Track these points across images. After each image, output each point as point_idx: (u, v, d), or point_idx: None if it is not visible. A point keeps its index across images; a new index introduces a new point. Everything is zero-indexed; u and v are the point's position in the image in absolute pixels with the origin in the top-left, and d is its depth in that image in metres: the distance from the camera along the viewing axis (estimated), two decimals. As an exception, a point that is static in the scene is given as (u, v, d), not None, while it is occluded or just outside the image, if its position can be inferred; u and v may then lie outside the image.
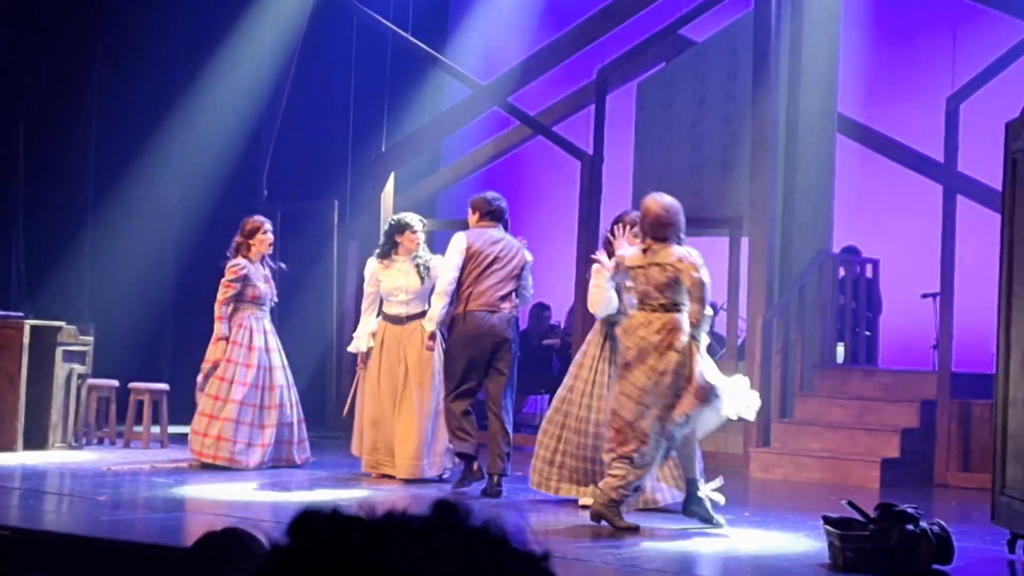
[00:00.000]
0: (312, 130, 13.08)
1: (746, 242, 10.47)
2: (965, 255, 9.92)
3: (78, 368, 9.79)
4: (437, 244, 13.01)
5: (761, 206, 10.28)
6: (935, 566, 5.94)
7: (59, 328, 9.67)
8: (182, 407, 10.23)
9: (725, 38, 11.02)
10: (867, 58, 12.52)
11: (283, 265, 9.64)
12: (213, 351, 9.01)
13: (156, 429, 10.15)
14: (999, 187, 6.91)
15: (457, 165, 13.35)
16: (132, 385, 10.27)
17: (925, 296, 11.26)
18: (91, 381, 9.97)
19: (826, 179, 10.78)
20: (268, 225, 9.34)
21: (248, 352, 9.04)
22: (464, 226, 13.24)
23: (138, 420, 10.15)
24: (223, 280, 9.09)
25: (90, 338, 9.96)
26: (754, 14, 10.53)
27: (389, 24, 12.61)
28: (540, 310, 12.75)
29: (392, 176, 12.35)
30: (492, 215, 8.35)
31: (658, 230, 6.84)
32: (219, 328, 9.01)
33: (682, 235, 6.94)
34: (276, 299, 9.43)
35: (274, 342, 9.27)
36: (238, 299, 9.08)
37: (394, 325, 8.71)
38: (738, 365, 10.52)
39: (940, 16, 12.48)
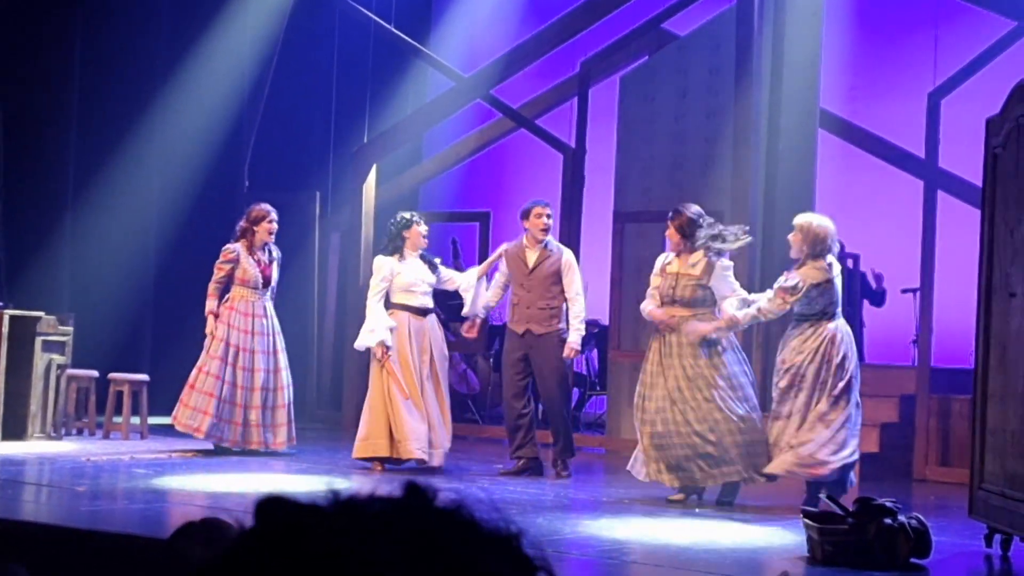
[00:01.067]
0: (294, 121, 13.05)
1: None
2: (945, 251, 9.95)
3: (57, 358, 9.76)
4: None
5: (743, 200, 10.29)
6: (913, 560, 5.97)
7: (38, 318, 9.64)
8: (162, 398, 10.22)
9: (708, 32, 11.03)
10: (849, 53, 12.54)
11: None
12: (208, 325, 9.52)
13: (136, 420, 10.12)
14: (979, 183, 6.93)
15: (439, 157, 13.34)
16: (112, 375, 10.24)
17: (905, 291, 11.30)
18: (70, 371, 9.94)
19: (808, 174, 10.79)
20: (274, 215, 9.64)
21: (231, 331, 9.39)
22: (448, 218, 13.27)
23: (117, 411, 10.12)
24: (217, 262, 9.55)
25: (70, 328, 9.93)
26: (737, 9, 10.54)
27: (372, 15, 12.59)
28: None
29: (374, 168, 12.33)
30: None
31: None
32: (208, 304, 9.55)
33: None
34: (275, 286, 9.69)
35: (268, 326, 9.48)
36: (230, 281, 9.53)
37: (418, 317, 8.92)
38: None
39: (922, 12, 12.52)
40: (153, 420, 10.28)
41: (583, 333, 8.89)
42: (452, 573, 0.80)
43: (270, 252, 9.63)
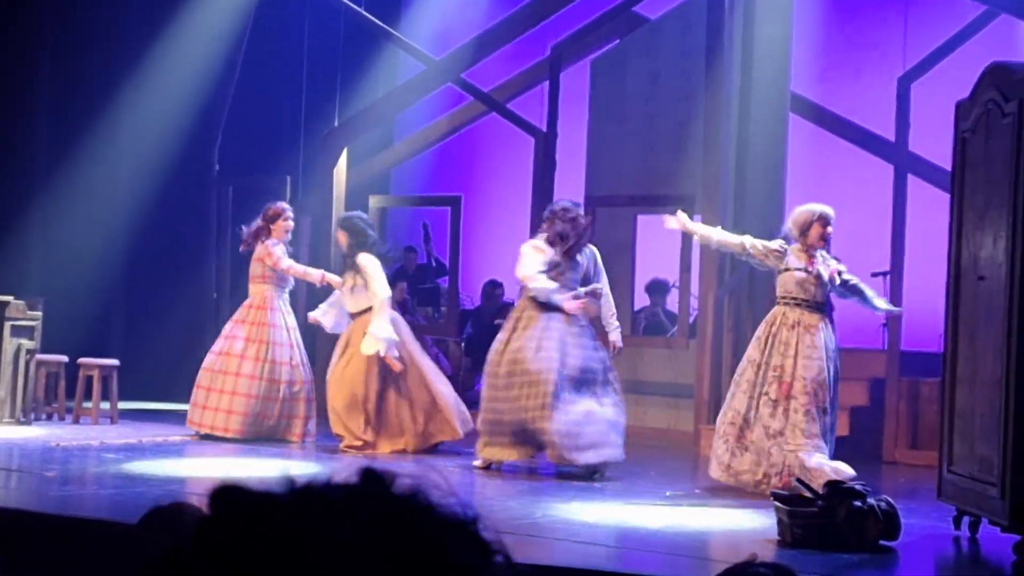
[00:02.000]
0: (264, 104, 12.99)
1: (699, 219, 10.49)
2: (915, 234, 9.99)
3: (27, 343, 9.70)
4: (391, 221, 12.99)
5: (713, 183, 10.30)
6: (882, 542, 6.00)
7: (7, 303, 9.57)
8: (132, 382, 10.17)
9: (679, 16, 11.02)
10: (820, 37, 12.55)
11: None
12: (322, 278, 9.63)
13: (106, 405, 10.07)
14: (949, 167, 6.96)
15: (410, 140, 13.29)
16: (81, 360, 10.18)
17: (875, 275, 11.33)
18: (40, 356, 9.88)
19: (778, 157, 10.81)
20: (290, 212, 9.79)
21: (259, 328, 9.43)
22: (419, 202, 13.24)
23: (87, 396, 10.07)
24: (274, 259, 9.50)
25: (39, 313, 9.87)
26: (708, -8, 10.54)
27: (343, -2, 12.53)
28: (492, 288, 12.72)
29: (345, 151, 12.28)
30: None
31: None
32: (313, 274, 9.68)
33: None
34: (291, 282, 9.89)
35: (284, 321, 9.57)
36: (257, 275, 9.56)
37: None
38: (690, 343, 10.58)
39: (892, -4, 12.54)
40: (123, 405, 10.23)
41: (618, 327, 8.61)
42: (408, 558, 0.80)
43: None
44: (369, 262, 9.05)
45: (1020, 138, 5.90)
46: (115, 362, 10.26)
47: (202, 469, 7.94)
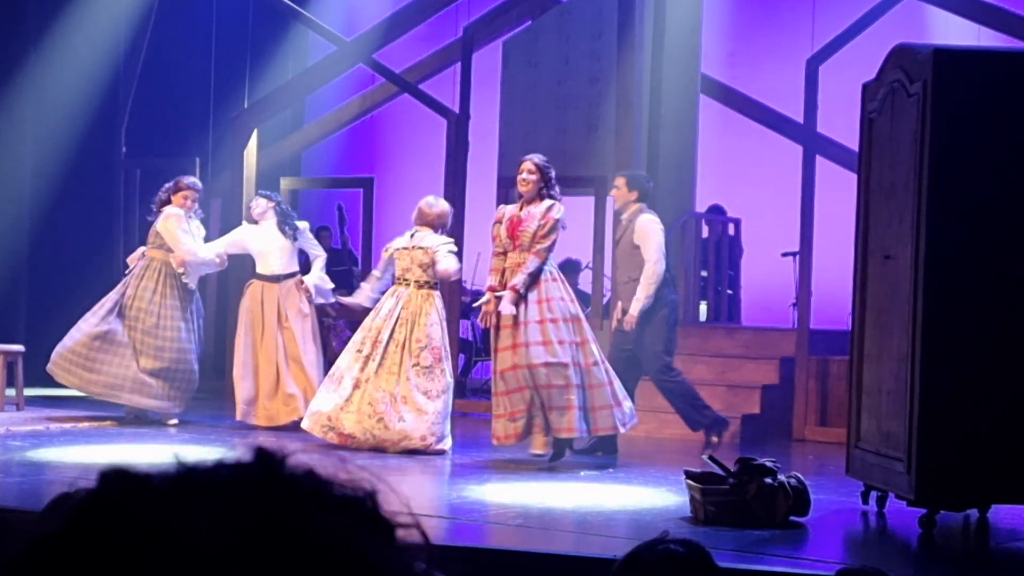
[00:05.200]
0: (172, 85, 12.80)
1: (611, 201, 10.54)
2: (824, 215, 10.11)
3: (-72, 329, 9.49)
4: (303, 203, 12.87)
5: (625, 165, 10.34)
6: (792, 518, 6.08)
7: (-93, 288, 9.36)
8: (38, 368, 9.99)
9: (590, -3, 11.02)
10: (729, 20, 12.65)
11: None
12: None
13: (11, 391, 9.89)
14: (856, 148, 7.04)
15: (322, 122, 13.19)
16: (-15, 346, 9.99)
17: (785, 255, 11.47)
18: (-58, 342, 9.68)
19: (689, 139, 10.89)
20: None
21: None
22: (331, 184, 13.14)
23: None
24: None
25: (-60, 298, 9.66)
26: (619, -27, 10.56)
27: (251, -22, 12.38)
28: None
29: (255, 133, 12.15)
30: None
31: None
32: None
33: None
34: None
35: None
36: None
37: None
38: (603, 323, 10.62)
39: (801, -21, 12.66)
40: (29, 392, 10.06)
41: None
42: (299, 537, 0.79)
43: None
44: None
45: (924, 118, 5.99)
46: (20, 348, 10.08)
47: (111, 455, 7.82)
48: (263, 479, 0.81)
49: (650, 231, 8.54)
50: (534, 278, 7.83)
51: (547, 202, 8.00)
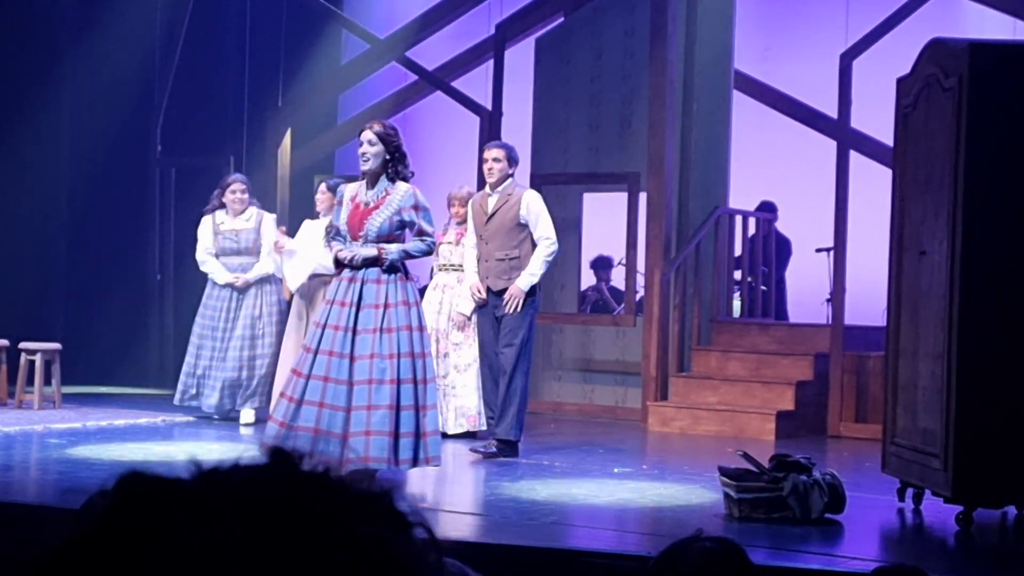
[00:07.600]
0: (207, 84, 12.85)
1: (644, 197, 10.53)
2: (858, 210, 10.07)
3: (-34, 328, 9.58)
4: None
5: (658, 162, 10.33)
6: (828, 515, 6.06)
7: (-54, 287, 9.45)
8: (74, 367, 10.07)
9: (623, -7, 11.01)
10: (762, 15, 12.61)
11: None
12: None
13: (49, 389, 9.96)
14: (891, 143, 7.01)
15: (355, 120, 13.20)
16: (23, 345, 10.06)
17: (819, 251, 11.42)
18: (-20, 341, 9.76)
19: (722, 135, 10.87)
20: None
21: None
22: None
23: (30, 380, 9.95)
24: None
25: (-22, 297, 9.75)
26: (651, -30, 10.54)
27: (285, -23, 12.42)
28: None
29: (289, 131, 12.20)
30: None
31: None
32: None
33: None
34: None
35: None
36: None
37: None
38: (636, 320, 10.61)
39: (834, -27, 12.59)
40: (67, 389, 10.13)
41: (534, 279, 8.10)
42: (320, 537, 0.79)
43: None
44: None
45: (960, 112, 5.95)
46: (57, 346, 10.15)
47: (147, 454, 7.88)
48: (281, 478, 0.82)
49: (542, 207, 8.18)
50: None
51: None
